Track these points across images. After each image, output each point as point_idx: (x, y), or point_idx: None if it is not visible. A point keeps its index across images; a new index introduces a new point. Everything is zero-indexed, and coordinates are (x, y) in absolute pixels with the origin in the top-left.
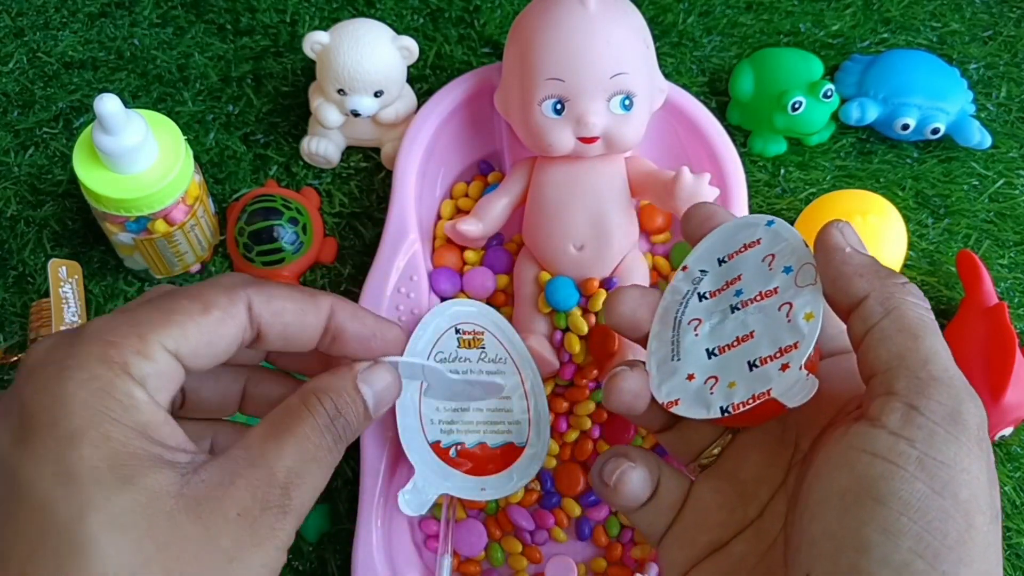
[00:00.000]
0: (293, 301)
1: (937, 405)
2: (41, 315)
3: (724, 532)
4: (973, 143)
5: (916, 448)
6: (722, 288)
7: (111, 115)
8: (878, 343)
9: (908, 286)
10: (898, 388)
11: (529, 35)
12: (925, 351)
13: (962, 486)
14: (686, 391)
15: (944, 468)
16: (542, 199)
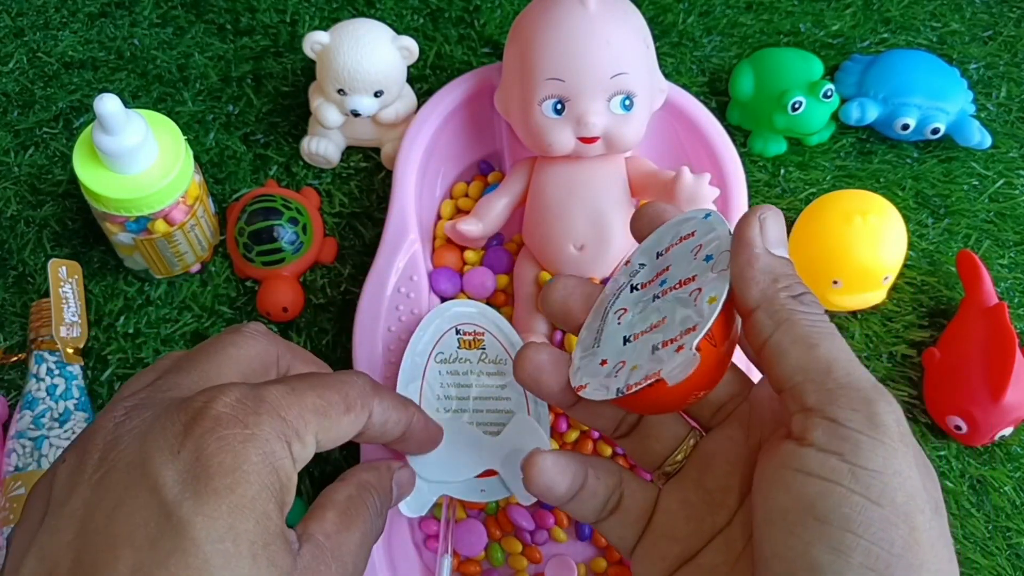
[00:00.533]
0: (397, 411)
1: (852, 413)
2: (41, 315)
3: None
4: (973, 143)
5: (846, 462)
6: (652, 279)
7: (111, 115)
8: (777, 357)
9: (801, 297)
10: (811, 403)
11: (529, 35)
12: (824, 359)
13: (897, 490)
14: (596, 375)
15: (877, 476)
16: (542, 199)
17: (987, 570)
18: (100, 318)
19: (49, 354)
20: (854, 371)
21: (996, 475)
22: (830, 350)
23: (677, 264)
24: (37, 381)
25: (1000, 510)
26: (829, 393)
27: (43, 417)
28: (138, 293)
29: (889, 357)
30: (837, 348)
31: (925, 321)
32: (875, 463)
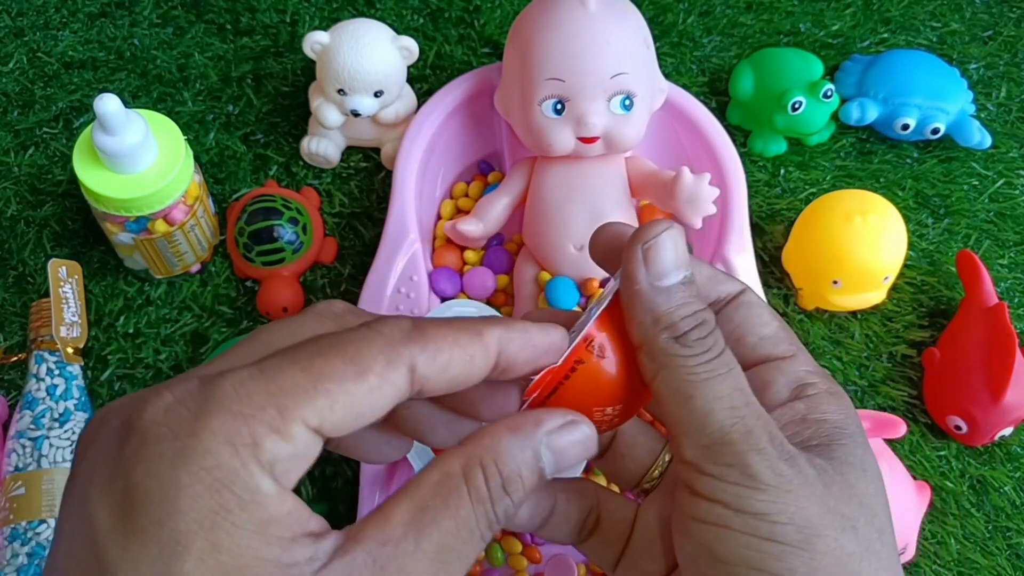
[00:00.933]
0: (460, 347)
1: (727, 468)
2: (41, 315)
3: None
4: (973, 143)
5: (731, 509)
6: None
7: (111, 115)
8: (657, 405)
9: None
10: (688, 457)
11: (529, 35)
12: (699, 413)
13: (787, 526)
14: None
15: (763, 518)
16: (542, 199)
17: (987, 570)
18: (100, 318)
19: (49, 354)
20: (727, 422)
21: (996, 475)
22: (705, 401)
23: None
24: (37, 381)
25: (1000, 510)
26: (704, 449)
27: (43, 417)
28: (138, 293)
29: (889, 357)
30: (714, 396)
31: (925, 321)
32: (758, 508)
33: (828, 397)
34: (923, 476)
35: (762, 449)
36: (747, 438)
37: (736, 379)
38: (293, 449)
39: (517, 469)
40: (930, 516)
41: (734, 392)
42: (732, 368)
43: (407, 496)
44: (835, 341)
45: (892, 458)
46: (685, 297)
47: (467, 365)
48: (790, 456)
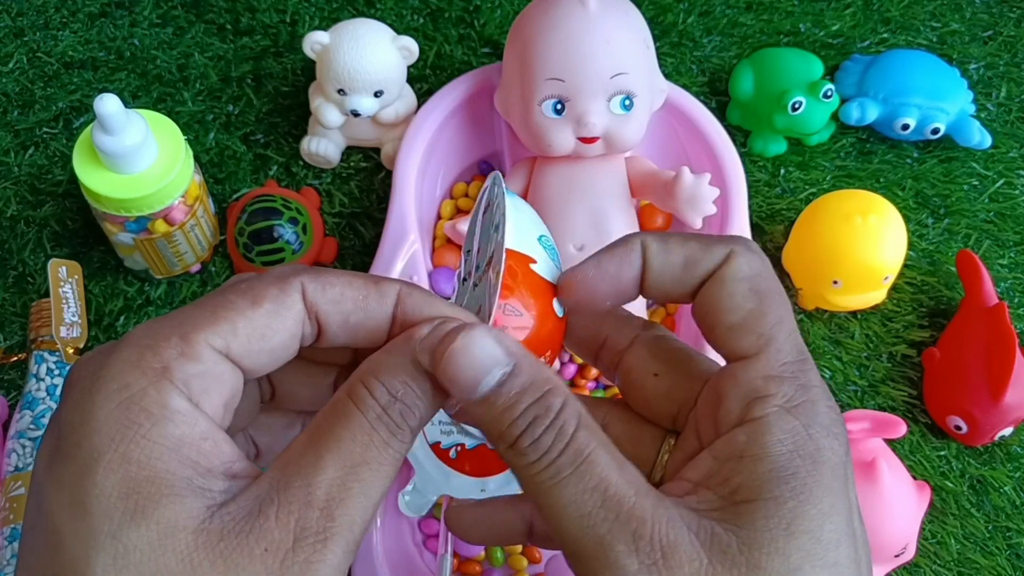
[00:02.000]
0: (353, 288)
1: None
2: (41, 315)
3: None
4: (973, 143)
5: None
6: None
7: (111, 115)
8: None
9: (514, 446)
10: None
11: (529, 35)
12: (552, 525)
13: None
14: None
15: None
16: (542, 199)
17: (987, 570)
18: (100, 318)
19: (49, 354)
20: (576, 532)
21: (996, 475)
22: (553, 511)
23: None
24: (37, 381)
25: (1000, 510)
26: (569, 561)
27: (43, 417)
28: (138, 293)
29: (889, 357)
30: (561, 505)
31: (925, 321)
32: None
33: (781, 417)
34: (923, 476)
35: (615, 563)
36: (598, 552)
37: (588, 475)
38: (202, 367)
39: (398, 375)
40: (930, 516)
41: (583, 495)
42: (581, 462)
43: (305, 431)
44: (835, 341)
45: (892, 458)
46: (507, 399)
47: (360, 303)
48: (663, 556)
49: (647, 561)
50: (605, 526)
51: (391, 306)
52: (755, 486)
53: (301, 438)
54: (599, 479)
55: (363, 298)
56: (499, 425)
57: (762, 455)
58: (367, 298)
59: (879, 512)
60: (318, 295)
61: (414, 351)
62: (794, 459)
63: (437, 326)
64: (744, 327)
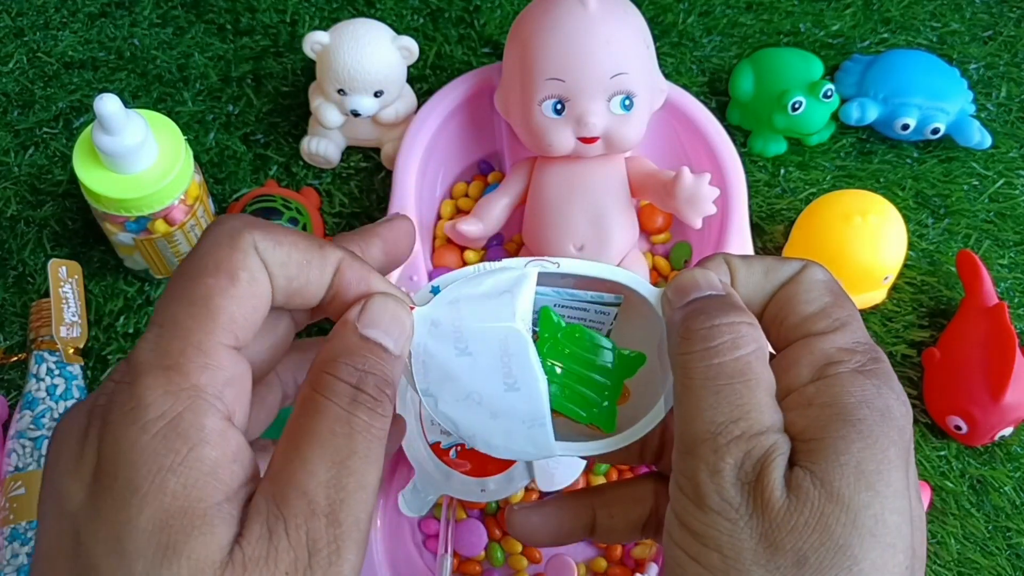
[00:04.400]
0: (298, 250)
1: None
2: (41, 315)
3: None
4: (973, 143)
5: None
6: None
7: (111, 115)
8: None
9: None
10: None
11: (529, 35)
12: (683, 420)
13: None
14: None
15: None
16: (542, 199)
17: (987, 570)
18: (100, 318)
19: (49, 354)
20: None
21: (996, 475)
22: (689, 407)
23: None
24: (37, 381)
25: (1000, 510)
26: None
27: (43, 417)
28: (138, 293)
29: (889, 357)
30: (697, 404)
31: (925, 321)
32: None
33: (852, 377)
34: (923, 476)
35: (719, 472)
36: (711, 456)
37: (735, 393)
38: (228, 373)
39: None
40: (930, 516)
41: (723, 403)
42: (736, 379)
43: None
44: None
45: None
46: (706, 306)
47: (303, 268)
48: (757, 479)
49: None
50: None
51: (331, 275)
52: (820, 427)
53: (280, 447)
54: (743, 397)
55: (307, 263)
56: (686, 321)
57: (830, 402)
58: (310, 263)
59: None
60: (268, 254)
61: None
62: (862, 408)
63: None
64: (820, 313)
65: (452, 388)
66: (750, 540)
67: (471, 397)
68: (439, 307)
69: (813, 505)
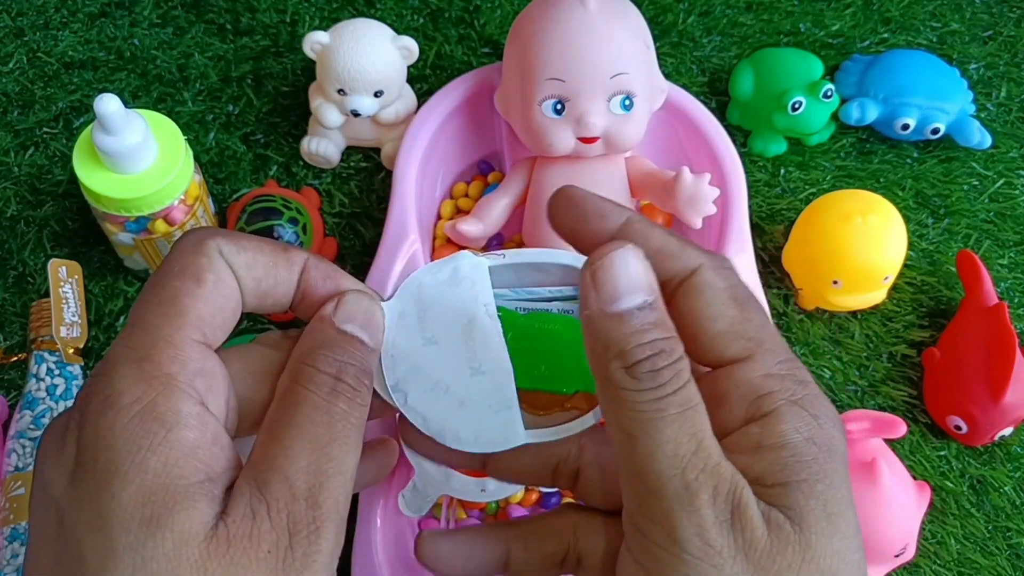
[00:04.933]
0: (264, 254)
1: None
2: (41, 315)
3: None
4: (973, 143)
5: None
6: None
7: (111, 115)
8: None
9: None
10: (627, 505)
11: (529, 35)
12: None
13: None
14: None
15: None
16: (542, 199)
17: (987, 570)
18: (100, 318)
19: (49, 354)
20: (665, 471)
21: (996, 475)
22: (647, 445)
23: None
24: (37, 381)
25: (1000, 510)
26: (639, 499)
27: (43, 417)
28: (138, 293)
29: (889, 357)
30: (658, 440)
31: (925, 321)
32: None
33: (789, 409)
34: (923, 476)
35: (696, 511)
36: (683, 494)
37: (691, 422)
38: (198, 365)
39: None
40: (930, 516)
41: (682, 437)
42: (688, 408)
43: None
44: (835, 341)
45: (892, 458)
46: (641, 324)
47: (270, 270)
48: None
49: (721, 517)
50: (694, 473)
51: (297, 274)
52: (778, 471)
53: (261, 437)
54: (698, 430)
55: (273, 264)
56: (623, 344)
57: (780, 443)
58: (276, 265)
59: (879, 512)
60: (233, 258)
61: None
62: (810, 447)
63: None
64: (730, 333)
65: (420, 380)
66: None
67: (438, 386)
68: (404, 299)
69: (795, 546)
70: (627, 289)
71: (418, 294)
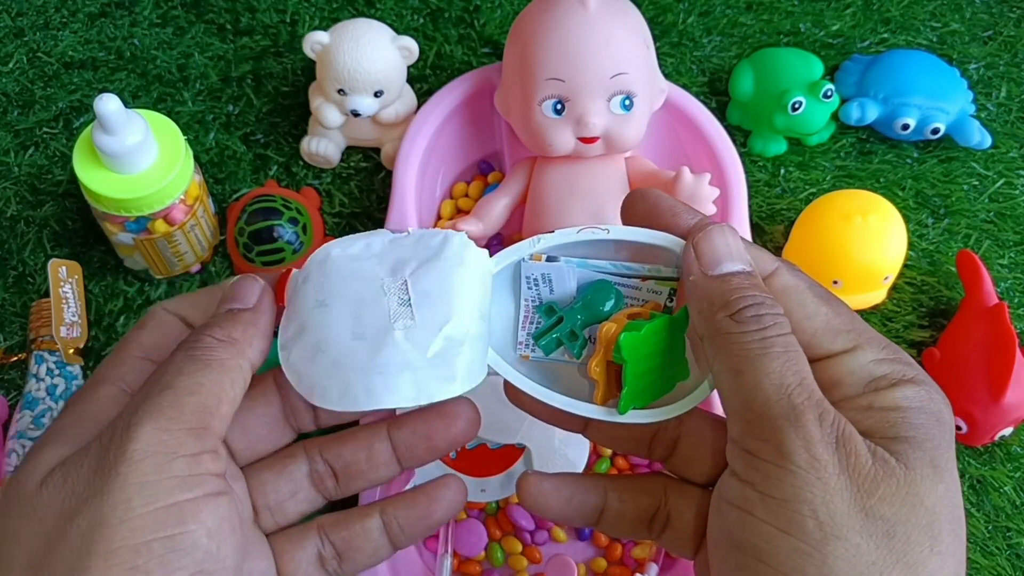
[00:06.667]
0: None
1: (763, 443)
2: (41, 315)
3: None
4: (973, 143)
5: (757, 491)
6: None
7: (111, 115)
8: (715, 382)
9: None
10: (733, 433)
11: (529, 35)
12: (747, 388)
13: (807, 518)
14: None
15: (785, 505)
16: (542, 199)
17: (987, 570)
18: (100, 318)
19: (49, 354)
20: (772, 397)
21: (996, 475)
22: (754, 376)
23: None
24: (37, 381)
25: (1000, 510)
26: (747, 424)
27: (43, 417)
28: (138, 293)
29: None
30: (764, 371)
31: (925, 321)
32: (782, 492)
33: (903, 384)
34: None
35: (802, 427)
36: (789, 413)
37: (793, 360)
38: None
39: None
40: None
41: (786, 370)
42: (790, 350)
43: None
44: None
45: None
46: (742, 283)
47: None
48: (837, 441)
49: (827, 438)
50: (800, 398)
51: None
52: (887, 427)
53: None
54: (801, 368)
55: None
56: (727, 297)
57: (892, 406)
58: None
59: None
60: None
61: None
62: (920, 414)
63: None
64: (830, 328)
65: (303, 339)
66: (843, 502)
67: (318, 346)
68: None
69: (899, 480)
70: (727, 256)
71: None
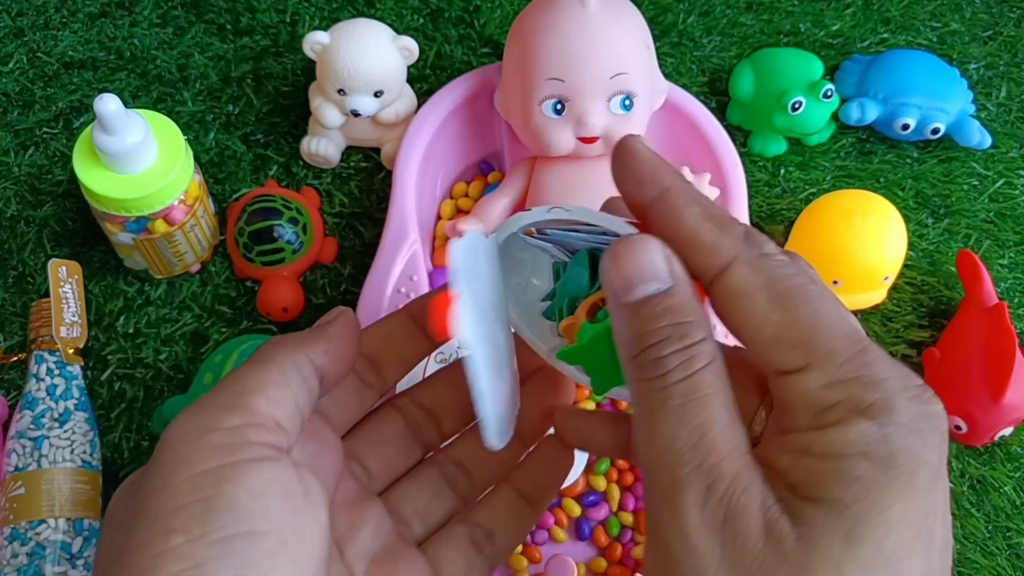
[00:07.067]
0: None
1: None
2: (41, 315)
3: None
4: (973, 143)
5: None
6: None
7: (111, 115)
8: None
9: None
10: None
11: (529, 35)
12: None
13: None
14: None
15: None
16: (542, 199)
17: (987, 570)
18: (100, 318)
19: (49, 354)
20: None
21: (996, 475)
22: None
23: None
24: (37, 381)
25: (1000, 510)
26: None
27: (43, 417)
28: (138, 293)
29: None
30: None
31: (925, 321)
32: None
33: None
34: None
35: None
36: (668, 491)
37: (693, 414)
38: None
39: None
40: None
41: (681, 430)
42: (692, 399)
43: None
44: None
45: None
46: (651, 312)
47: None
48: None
49: (711, 519)
50: (686, 468)
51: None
52: (815, 484)
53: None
54: (701, 422)
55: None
56: (633, 330)
57: (827, 454)
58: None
59: None
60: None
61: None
62: (861, 462)
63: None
64: (779, 341)
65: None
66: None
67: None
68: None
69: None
70: (638, 277)
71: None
